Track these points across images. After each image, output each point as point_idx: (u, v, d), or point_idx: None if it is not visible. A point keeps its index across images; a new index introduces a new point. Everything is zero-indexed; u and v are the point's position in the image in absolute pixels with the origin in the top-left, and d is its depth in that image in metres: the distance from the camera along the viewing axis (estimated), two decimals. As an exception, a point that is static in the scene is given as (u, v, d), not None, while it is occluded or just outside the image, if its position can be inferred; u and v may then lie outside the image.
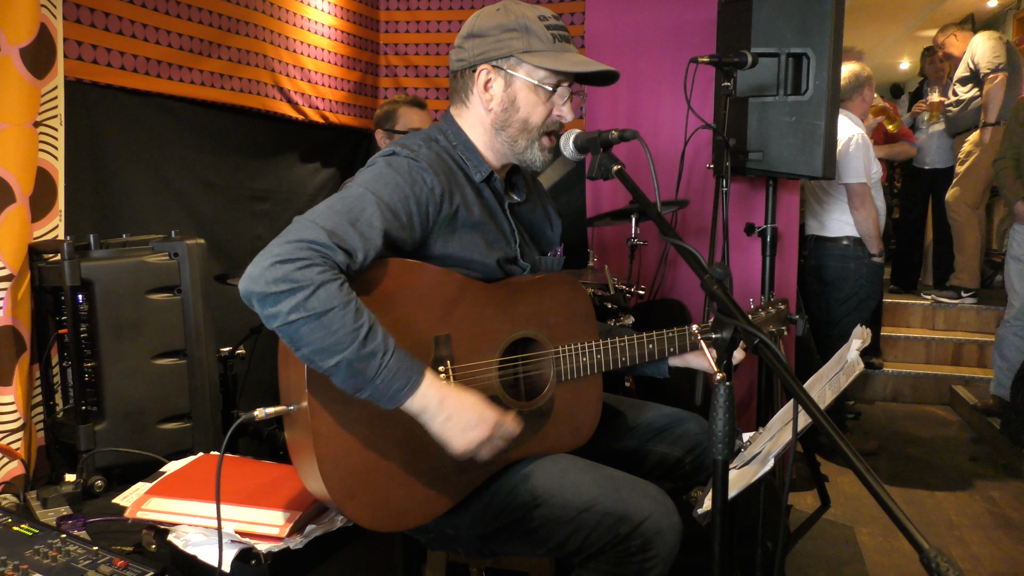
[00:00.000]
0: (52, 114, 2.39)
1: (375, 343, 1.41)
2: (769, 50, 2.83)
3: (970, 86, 5.69)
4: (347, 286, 1.43)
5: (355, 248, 1.47)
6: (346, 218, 1.48)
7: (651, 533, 1.55)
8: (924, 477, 3.98)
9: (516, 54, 1.68)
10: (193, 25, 3.05)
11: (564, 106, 1.74)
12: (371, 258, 1.50)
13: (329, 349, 1.39)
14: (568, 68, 1.69)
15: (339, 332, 1.38)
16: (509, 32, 1.68)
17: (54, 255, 2.25)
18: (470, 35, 1.73)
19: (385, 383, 1.43)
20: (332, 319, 1.38)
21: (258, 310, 1.41)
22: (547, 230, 1.97)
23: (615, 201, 3.78)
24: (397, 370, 1.43)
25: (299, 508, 1.70)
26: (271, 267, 1.38)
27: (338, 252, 1.44)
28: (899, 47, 9.97)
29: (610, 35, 3.66)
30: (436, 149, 1.70)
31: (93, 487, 2.07)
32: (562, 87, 1.71)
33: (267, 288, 1.37)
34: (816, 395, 1.67)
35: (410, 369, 1.46)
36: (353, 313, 1.40)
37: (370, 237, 1.49)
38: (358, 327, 1.40)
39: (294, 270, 1.38)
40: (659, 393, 3.23)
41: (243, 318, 3.08)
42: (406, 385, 1.45)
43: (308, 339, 1.39)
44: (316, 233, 1.43)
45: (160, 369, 2.24)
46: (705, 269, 1.33)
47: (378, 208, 1.52)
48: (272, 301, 1.38)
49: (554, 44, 1.69)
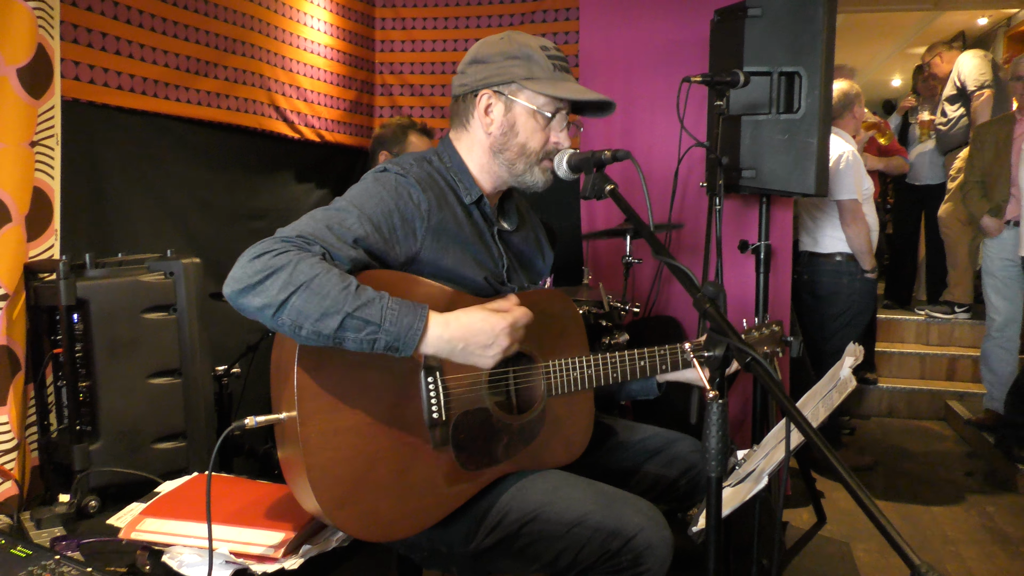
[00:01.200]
0: (49, 134, 2.40)
1: (368, 293, 1.46)
2: (761, 69, 2.86)
3: (958, 104, 5.76)
4: (326, 261, 1.48)
5: (331, 246, 1.51)
6: (323, 224, 1.54)
7: (642, 548, 1.55)
8: (919, 492, 3.98)
9: (518, 80, 1.72)
10: (190, 45, 3.07)
11: (561, 133, 1.78)
12: (350, 260, 1.54)
13: (328, 311, 1.42)
14: (567, 95, 1.73)
15: (331, 292, 1.42)
16: (512, 59, 1.73)
17: (50, 274, 2.25)
18: (473, 61, 1.77)
19: (394, 323, 1.46)
20: (320, 283, 1.42)
21: (248, 306, 1.44)
22: (538, 261, 2.00)
23: (609, 218, 3.79)
24: (401, 308, 1.47)
25: (294, 528, 1.69)
26: (249, 262, 1.45)
27: (314, 245, 1.49)
28: (891, 64, 10.06)
29: (604, 55, 3.69)
30: (428, 169, 1.74)
31: (87, 507, 2.06)
32: (560, 114, 1.76)
33: (251, 279, 1.42)
34: (809, 413, 1.68)
35: (413, 306, 1.49)
36: (337, 275, 1.45)
37: (346, 240, 1.54)
38: (346, 284, 1.45)
39: (271, 258, 1.44)
40: (654, 411, 3.23)
41: (239, 336, 3.09)
42: (416, 319, 1.48)
43: (305, 310, 1.42)
44: (290, 233, 1.50)
45: (155, 388, 2.24)
46: (698, 288, 1.34)
47: (358, 219, 1.57)
48: (259, 290, 1.42)
49: (554, 73, 1.74)
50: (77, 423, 2.14)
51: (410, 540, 1.73)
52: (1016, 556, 3.25)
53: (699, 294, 1.33)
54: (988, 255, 4.62)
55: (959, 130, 5.74)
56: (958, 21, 7.03)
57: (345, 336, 1.44)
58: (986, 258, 4.63)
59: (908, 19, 7.79)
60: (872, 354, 5.63)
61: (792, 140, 2.88)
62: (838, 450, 4.35)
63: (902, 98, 6.97)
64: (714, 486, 1.27)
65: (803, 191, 2.92)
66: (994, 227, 4.54)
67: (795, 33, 2.84)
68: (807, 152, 2.87)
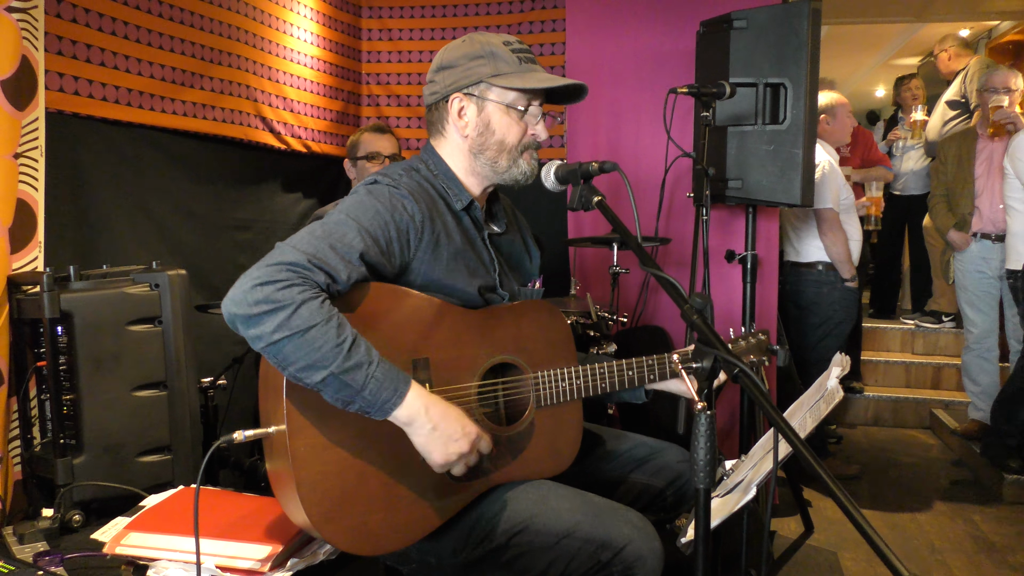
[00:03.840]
0: (33, 145, 2.39)
1: (359, 355, 1.44)
2: (747, 80, 2.88)
3: (958, 112, 5.73)
4: (328, 303, 1.46)
5: (334, 269, 1.50)
6: (326, 242, 1.52)
7: (632, 559, 1.55)
8: (906, 501, 4.00)
9: (485, 79, 1.72)
10: (175, 56, 3.06)
11: (538, 125, 1.79)
12: (352, 280, 1.53)
13: (315, 365, 1.41)
14: (535, 85, 1.73)
15: (323, 347, 1.41)
16: (476, 59, 1.73)
17: (33, 287, 2.23)
18: (440, 68, 1.78)
19: (373, 393, 1.45)
20: (315, 335, 1.41)
21: (242, 332, 1.43)
22: (526, 262, 2.00)
23: (596, 228, 3.80)
24: (384, 379, 1.46)
25: (281, 541, 1.68)
26: (252, 289, 1.41)
27: (317, 272, 1.47)
28: (875, 75, 10.15)
29: (590, 65, 3.70)
30: (417, 178, 1.74)
31: (71, 522, 2.04)
32: (533, 106, 1.76)
33: (250, 310, 1.40)
34: (796, 423, 1.68)
35: (396, 379, 1.48)
36: (336, 328, 1.43)
37: (350, 260, 1.53)
38: (341, 341, 1.43)
39: (275, 291, 1.41)
40: (642, 421, 3.23)
41: (224, 348, 3.08)
42: (394, 394, 1.47)
43: (293, 357, 1.41)
44: (295, 256, 1.47)
45: (140, 401, 2.22)
46: (685, 299, 1.34)
47: (358, 233, 1.56)
48: (255, 322, 1.40)
49: (520, 66, 1.74)
50: (61, 436, 2.12)
51: (399, 552, 1.72)
52: (1002, 565, 3.26)
53: (687, 306, 1.33)
54: (959, 269, 4.67)
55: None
56: (941, 32, 7.09)
57: (324, 388, 1.44)
58: (958, 272, 4.68)
59: (891, 31, 7.86)
60: (858, 363, 5.66)
61: (778, 151, 2.90)
62: (824, 459, 4.36)
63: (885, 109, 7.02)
64: (702, 498, 1.27)
65: (789, 201, 2.94)
66: (961, 241, 4.59)
67: (780, 44, 2.86)
68: (792, 163, 2.89)
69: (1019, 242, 4.15)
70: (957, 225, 4.60)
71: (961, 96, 5.72)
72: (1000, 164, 4.38)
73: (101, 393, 2.16)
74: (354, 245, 1.54)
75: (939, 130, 5.76)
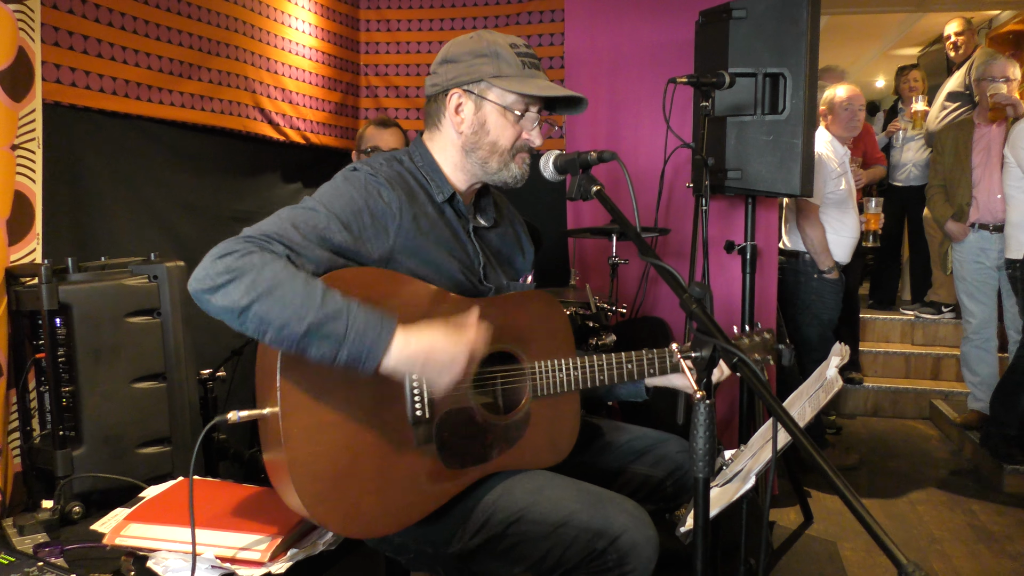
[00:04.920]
0: (30, 137, 2.38)
1: (335, 304, 1.44)
2: (746, 70, 2.87)
3: (958, 104, 5.72)
4: (291, 265, 1.46)
5: (297, 244, 1.51)
6: (289, 223, 1.54)
7: (627, 547, 1.55)
8: (905, 491, 4.00)
9: (486, 79, 1.72)
10: (173, 47, 3.05)
11: (533, 131, 1.78)
12: (317, 261, 1.53)
13: (291, 322, 1.41)
14: (535, 92, 1.73)
15: (294, 301, 1.41)
16: (480, 57, 1.72)
17: (32, 279, 2.23)
18: (443, 61, 1.77)
19: (358, 339, 1.44)
20: (283, 292, 1.42)
21: (213, 307, 1.44)
22: (517, 257, 1.99)
23: (596, 219, 3.80)
24: (366, 322, 1.45)
25: (281, 532, 1.68)
26: (213, 263, 1.43)
27: (275, 244, 1.49)
28: (874, 66, 10.12)
29: (589, 56, 3.69)
30: (398, 168, 1.74)
31: (71, 513, 2.04)
32: (531, 111, 1.76)
33: (214, 281, 1.42)
34: (796, 413, 1.68)
35: (380, 320, 1.47)
36: (303, 282, 1.44)
37: (311, 240, 1.53)
38: (310, 291, 1.43)
39: (235, 260, 1.43)
40: (641, 412, 3.23)
41: (223, 340, 3.07)
42: (379, 334, 1.46)
43: (268, 318, 1.41)
44: (255, 232, 1.50)
45: (139, 393, 2.22)
46: (684, 288, 1.34)
47: (326, 218, 1.57)
48: (222, 292, 1.41)
49: (523, 70, 1.73)
50: (60, 428, 2.12)
51: (397, 542, 1.72)
52: (1001, 554, 3.27)
53: (686, 295, 1.33)
54: (957, 259, 4.66)
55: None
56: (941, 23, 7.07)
57: (308, 344, 1.43)
58: (956, 263, 4.68)
59: (891, 20, 7.84)
60: (856, 354, 5.66)
61: (777, 141, 2.90)
62: (824, 449, 4.38)
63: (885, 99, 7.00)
64: (701, 487, 1.27)
65: (788, 191, 2.94)
66: (959, 231, 4.59)
67: (779, 34, 2.85)
68: (792, 153, 2.89)
69: (1019, 231, 4.14)
70: (955, 215, 4.60)
71: (965, 87, 5.68)
72: (998, 153, 4.37)
73: (100, 385, 2.16)
74: (318, 228, 1.55)
75: (938, 121, 5.73)
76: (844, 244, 4.10)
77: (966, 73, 5.64)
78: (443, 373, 1.53)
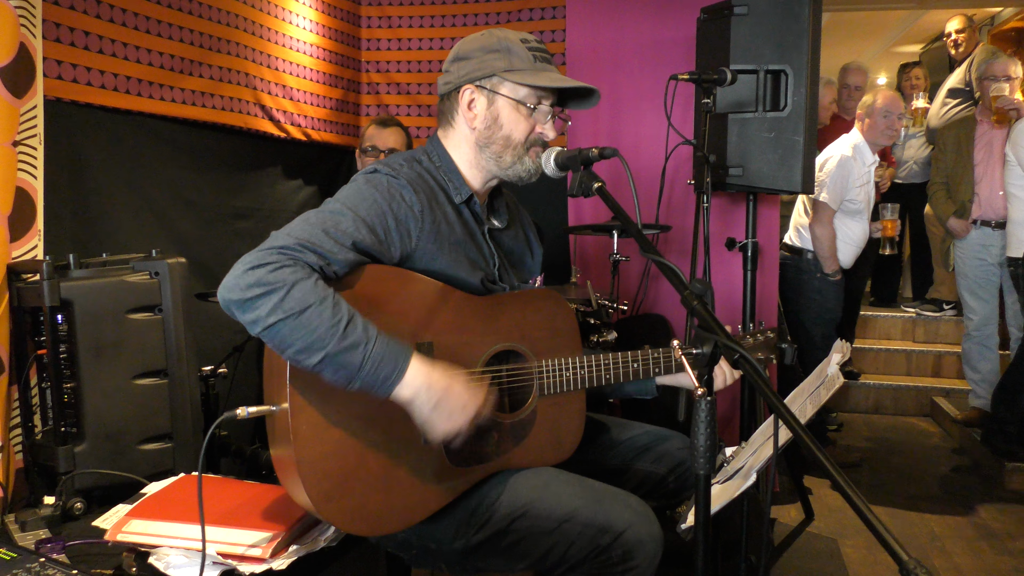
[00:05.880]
0: (31, 133, 2.38)
1: (356, 334, 1.44)
2: (748, 67, 2.87)
3: (958, 100, 5.71)
4: (322, 283, 1.46)
5: (328, 251, 1.50)
6: (319, 228, 1.52)
7: (632, 543, 1.55)
8: (906, 489, 4.00)
9: (498, 73, 1.72)
10: (174, 44, 3.04)
11: (546, 124, 1.78)
12: (347, 265, 1.53)
13: (312, 347, 1.42)
14: (547, 84, 1.73)
15: (319, 328, 1.41)
16: (492, 53, 1.73)
17: (33, 275, 2.23)
18: (456, 58, 1.78)
19: (373, 371, 1.45)
20: (310, 316, 1.41)
21: (239, 317, 1.44)
22: (527, 258, 2.00)
23: (597, 216, 3.80)
24: (383, 357, 1.46)
25: (282, 528, 1.69)
26: (244, 274, 1.42)
27: (308, 254, 1.47)
28: (876, 62, 10.09)
29: (591, 53, 3.69)
30: (418, 169, 1.74)
31: (73, 509, 2.05)
32: (543, 105, 1.76)
33: (243, 294, 1.41)
34: (797, 409, 1.68)
35: (397, 355, 1.48)
36: (331, 308, 1.44)
37: (344, 244, 1.53)
38: (337, 321, 1.43)
39: (266, 273, 1.42)
40: (643, 409, 3.23)
41: (225, 336, 3.07)
42: (394, 371, 1.47)
43: (290, 339, 1.42)
44: (286, 240, 1.48)
45: (141, 389, 2.22)
46: (685, 285, 1.34)
47: (353, 222, 1.56)
48: (250, 306, 1.41)
49: (535, 64, 1.74)
50: (62, 425, 2.12)
51: (400, 537, 1.72)
52: (1002, 551, 3.27)
53: (687, 291, 1.33)
54: (959, 256, 4.67)
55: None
56: (942, 19, 7.06)
57: (323, 369, 1.44)
58: (958, 259, 4.69)
59: (892, 17, 7.82)
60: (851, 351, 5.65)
61: (778, 138, 2.89)
62: (825, 447, 4.37)
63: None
64: (702, 483, 1.27)
65: (789, 188, 2.93)
66: (961, 228, 4.59)
67: (781, 31, 2.85)
68: (793, 150, 2.88)
69: (1020, 230, 4.14)
70: (957, 212, 4.60)
71: (965, 84, 5.67)
72: (1000, 151, 4.37)
73: (102, 381, 2.16)
74: (348, 232, 1.54)
75: (939, 118, 5.73)
76: (848, 251, 4.12)
77: (967, 70, 5.63)
78: (452, 416, 1.54)
